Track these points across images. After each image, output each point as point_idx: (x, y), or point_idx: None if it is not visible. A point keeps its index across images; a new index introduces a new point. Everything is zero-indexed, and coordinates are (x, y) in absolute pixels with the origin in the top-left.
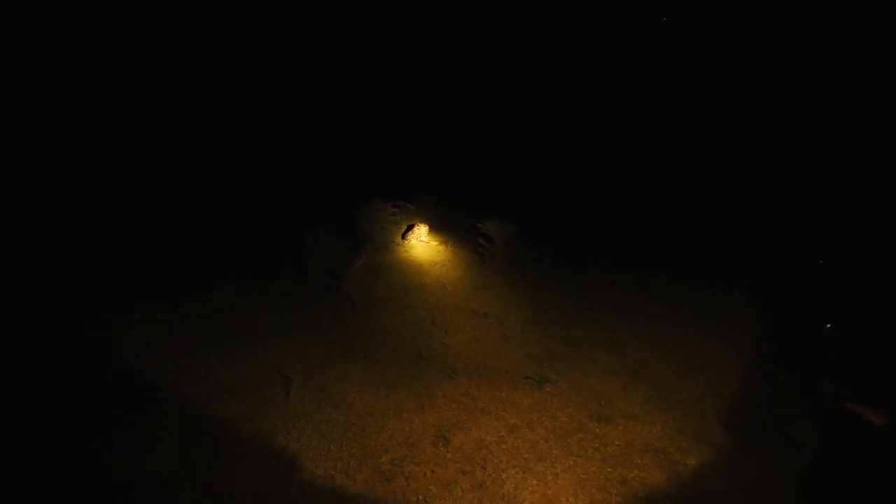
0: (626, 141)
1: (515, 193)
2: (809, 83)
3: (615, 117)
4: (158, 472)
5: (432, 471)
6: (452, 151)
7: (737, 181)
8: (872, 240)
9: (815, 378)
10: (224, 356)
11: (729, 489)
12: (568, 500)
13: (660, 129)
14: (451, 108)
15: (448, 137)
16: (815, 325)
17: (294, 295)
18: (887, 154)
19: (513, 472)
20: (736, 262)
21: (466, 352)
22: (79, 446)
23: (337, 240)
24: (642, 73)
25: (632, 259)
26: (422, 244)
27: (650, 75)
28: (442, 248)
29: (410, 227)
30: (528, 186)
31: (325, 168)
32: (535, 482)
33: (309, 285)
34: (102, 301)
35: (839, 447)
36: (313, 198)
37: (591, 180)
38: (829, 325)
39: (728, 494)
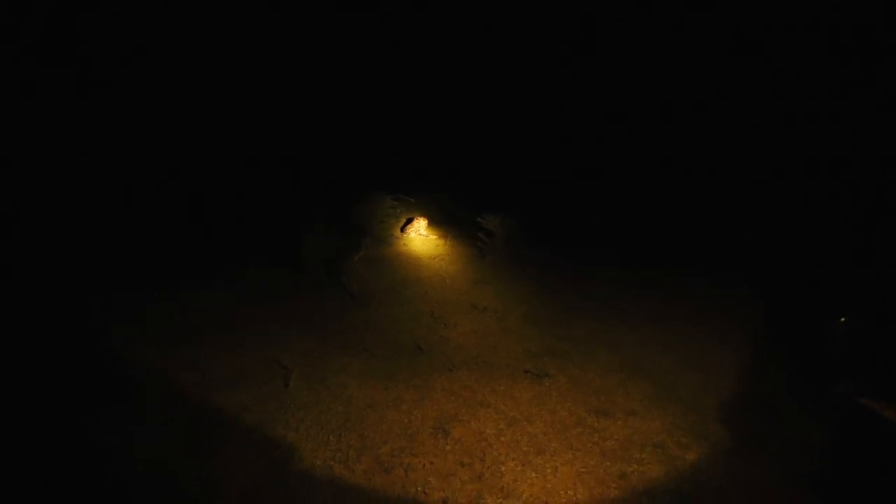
0: (627, 137)
1: (516, 188)
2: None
3: (617, 112)
4: (157, 461)
5: (431, 462)
6: (453, 146)
7: (736, 175)
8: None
9: (825, 374)
10: (223, 348)
11: (727, 485)
12: (567, 493)
13: (661, 125)
14: (452, 103)
15: (449, 132)
16: (824, 321)
17: (293, 287)
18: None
19: (512, 464)
20: (736, 257)
21: (466, 346)
22: (77, 435)
23: (336, 232)
24: (646, 70)
25: (631, 254)
26: (421, 238)
27: (653, 72)
28: (441, 242)
29: (410, 221)
30: (529, 181)
31: (325, 160)
32: (533, 475)
33: (307, 277)
34: (103, 293)
35: (852, 444)
36: (312, 190)
37: (592, 176)
38: (843, 320)
39: (726, 490)
